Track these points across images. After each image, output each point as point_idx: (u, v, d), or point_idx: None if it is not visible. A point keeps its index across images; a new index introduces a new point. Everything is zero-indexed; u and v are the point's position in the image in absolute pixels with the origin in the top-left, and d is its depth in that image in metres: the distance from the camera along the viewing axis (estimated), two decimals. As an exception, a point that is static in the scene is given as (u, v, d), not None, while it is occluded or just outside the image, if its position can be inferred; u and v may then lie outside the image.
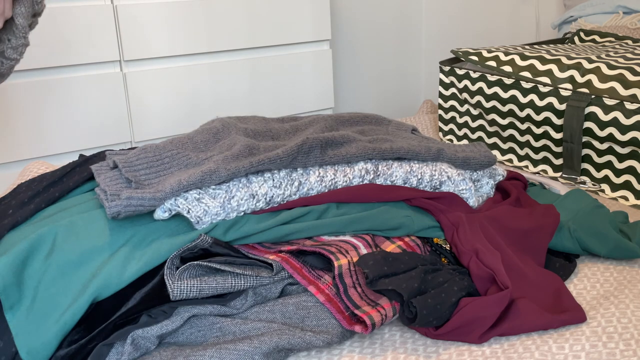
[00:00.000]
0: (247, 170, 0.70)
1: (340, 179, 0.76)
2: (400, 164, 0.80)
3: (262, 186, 0.71)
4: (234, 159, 0.72)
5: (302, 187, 0.74)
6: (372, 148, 0.79)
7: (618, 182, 1.12)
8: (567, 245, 0.79)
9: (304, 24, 1.72)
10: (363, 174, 0.78)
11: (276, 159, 0.72)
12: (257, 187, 0.71)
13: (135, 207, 0.66)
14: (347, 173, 0.77)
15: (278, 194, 0.72)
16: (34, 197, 0.75)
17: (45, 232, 0.65)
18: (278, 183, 0.72)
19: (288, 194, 0.73)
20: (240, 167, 0.70)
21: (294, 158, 0.74)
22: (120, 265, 0.63)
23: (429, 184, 0.81)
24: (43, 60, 1.36)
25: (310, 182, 0.74)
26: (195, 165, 0.73)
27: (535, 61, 1.27)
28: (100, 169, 0.74)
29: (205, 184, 0.68)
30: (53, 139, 1.40)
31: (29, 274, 0.63)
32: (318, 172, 0.75)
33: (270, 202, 0.72)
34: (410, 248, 0.73)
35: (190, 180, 0.68)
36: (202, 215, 0.67)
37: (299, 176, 0.74)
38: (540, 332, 0.65)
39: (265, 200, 0.71)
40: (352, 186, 0.77)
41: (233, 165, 0.70)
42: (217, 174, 0.69)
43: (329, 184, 0.75)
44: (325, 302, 0.64)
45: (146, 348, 0.60)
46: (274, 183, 0.72)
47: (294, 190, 0.73)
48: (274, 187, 0.72)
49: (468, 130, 1.42)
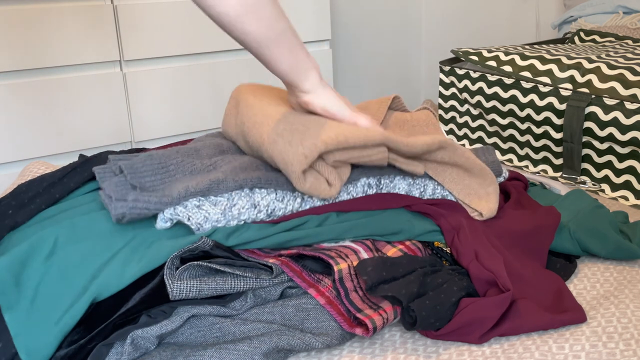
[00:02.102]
0: (254, 184, 0.70)
1: (344, 197, 0.76)
2: (403, 177, 0.80)
3: (264, 197, 0.71)
4: (242, 170, 0.72)
5: (304, 204, 0.74)
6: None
7: (618, 182, 1.12)
8: (568, 247, 0.79)
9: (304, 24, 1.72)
10: (366, 189, 0.78)
11: (285, 183, 0.72)
12: (260, 198, 0.70)
13: (141, 210, 0.66)
14: (350, 190, 0.77)
15: (280, 208, 0.72)
16: (34, 198, 0.75)
17: (47, 234, 0.65)
18: (281, 197, 0.72)
19: (290, 209, 0.73)
20: (248, 180, 0.70)
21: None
22: (120, 266, 0.63)
23: (431, 197, 0.81)
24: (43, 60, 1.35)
25: (313, 200, 0.74)
26: (201, 171, 0.73)
27: (536, 61, 1.27)
28: (105, 175, 0.74)
29: (212, 192, 0.68)
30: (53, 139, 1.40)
31: (28, 274, 0.63)
32: None
33: (272, 214, 0.71)
34: (412, 251, 0.73)
35: (198, 188, 0.68)
36: (202, 222, 0.67)
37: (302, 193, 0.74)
38: (540, 332, 0.65)
39: (266, 212, 0.71)
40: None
41: (241, 176, 0.70)
42: (225, 183, 0.69)
43: (331, 201, 0.76)
44: (325, 304, 0.64)
45: (146, 348, 0.60)
46: (276, 196, 0.72)
47: (296, 207, 0.73)
48: (277, 200, 0.71)
49: (468, 130, 1.42)
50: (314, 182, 0.71)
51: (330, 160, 0.71)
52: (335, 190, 0.72)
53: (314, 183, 0.71)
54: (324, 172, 0.72)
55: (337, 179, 0.72)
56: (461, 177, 0.81)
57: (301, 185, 0.69)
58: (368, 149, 0.73)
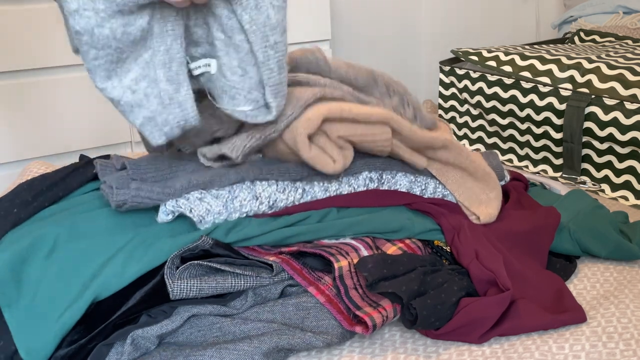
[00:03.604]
0: (256, 176, 0.70)
1: (345, 188, 0.76)
2: (404, 174, 0.80)
3: (265, 189, 0.71)
4: (243, 164, 0.72)
5: (306, 195, 0.74)
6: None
7: (618, 182, 1.12)
8: (567, 247, 0.79)
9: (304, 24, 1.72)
10: (367, 183, 0.78)
11: (285, 173, 0.72)
12: (261, 190, 0.71)
13: (142, 199, 0.65)
14: (351, 183, 0.77)
15: (282, 199, 0.72)
16: (37, 197, 0.75)
17: (47, 232, 0.65)
18: (282, 188, 0.72)
19: (292, 200, 0.73)
20: (250, 172, 0.70)
21: (303, 177, 0.73)
22: (120, 265, 0.63)
23: (432, 196, 0.81)
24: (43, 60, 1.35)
25: (314, 191, 0.74)
26: (204, 168, 0.73)
27: (535, 61, 1.27)
28: (106, 169, 0.74)
29: (214, 185, 0.68)
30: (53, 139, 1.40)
31: (28, 272, 0.63)
32: (322, 182, 0.75)
33: (274, 206, 0.71)
34: (411, 250, 0.73)
35: (200, 180, 0.68)
36: (204, 214, 0.67)
37: (303, 184, 0.74)
38: (540, 332, 0.65)
39: (268, 204, 0.71)
40: (353, 192, 0.77)
41: (242, 168, 0.70)
42: (227, 176, 0.69)
43: (333, 194, 0.76)
44: (325, 303, 0.64)
45: (146, 348, 0.60)
46: (277, 188, 0.72)
47: (297, 197, 0.73)
48: (278, 191, 0.72)
49: (468, 130, 1.42)
50: (318, 153, 0.71)
51: (334, 135, 0.71)
52: (339, 165, 0.72)
53: (318, 153, 0.71)
54: (328, 149, 0.72)
55: (340, 156, 0.72)
56: (464, 180, 0.81)
57: (306, 152, 0.69)
58: (372, 126, 0.73)
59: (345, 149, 0.74)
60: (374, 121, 0.73)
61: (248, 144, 0.69)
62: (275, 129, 0.69)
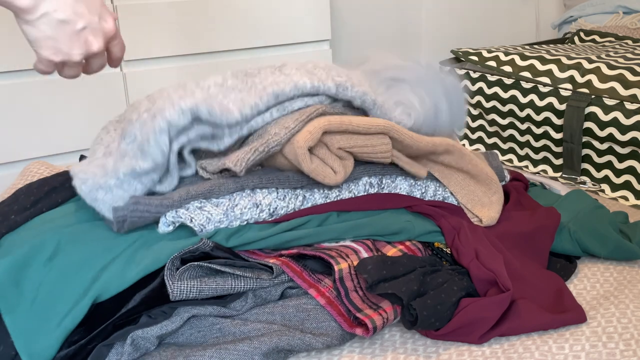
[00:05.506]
0: (256, 184, 0.70)
1: (345, 194, 0.76)
2: (404, 177, 0.80)
3: (266, 197, 0.71)
4: None
5: (306, 202, 0.74)
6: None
7: (618, 182, 1.12)
8: (568, 247, 0.79)
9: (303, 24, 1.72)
10: (367, 188, 0.78)
11: (285, 181, 0.72)
12: (261, 197, 0.71)
13: (141, 213, 0.65)
14: (351, 189, 0.77)
15: (282, 206, 0.72)
16: (36, 203, 0.75)
17: (48, 237, 0.65)
18: (282, 196, 0.72)
19: (292, 207, 0.73)
20: (249, 181, 0.70)
21: (304, 184, 0.74)
22: (121, 268, 0.63)
23: (432, 198, 0.81)
24: (43, 60, 1.36)
25: (314, 198, 0.74)
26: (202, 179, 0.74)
27: (535, 61, 1.27)
28: None
29: (213, 194, 0.68)
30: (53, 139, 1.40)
31: (29, 277, 0.63)
32: (323, 189, 0.75)
33: (274, 213, 0.71)
34: (411, 252, 0.73)
35: (199, 191, 0.68)
36: (205, 223, 0.67)
37: (303, 191, 0.74)
38: (540, 332, 0.65)
39: (268, 211, 0.71)
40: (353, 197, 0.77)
41: (242, 177, 0.70)
42: (226, 185, 0.69)
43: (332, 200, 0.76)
44: (325, 305, 0.64)
45: (146, 348, 0.60)
46: (277, 195, 0.72)
47: (298, 205, 0.73)
48: (278, 199, 0.72)
49: (468, 130, 1.42)
50: (319, 165, 0.71)
51: (334, 147, 0.72)
52: (340, 176, 0.72)
53: (319, 165, 0.71)
54: (329, 161, 0.72)
55: (341, 167, 0.73)
56: (467, 183, 0.82)
57: (307, 164, 0.70)
58: (372, 137, 0.73)
59: (346, 159, 0.74)
60: (374, 132, 0.73)
61: (252, 157, 0.69)
62: (279, 142, 0.70)
